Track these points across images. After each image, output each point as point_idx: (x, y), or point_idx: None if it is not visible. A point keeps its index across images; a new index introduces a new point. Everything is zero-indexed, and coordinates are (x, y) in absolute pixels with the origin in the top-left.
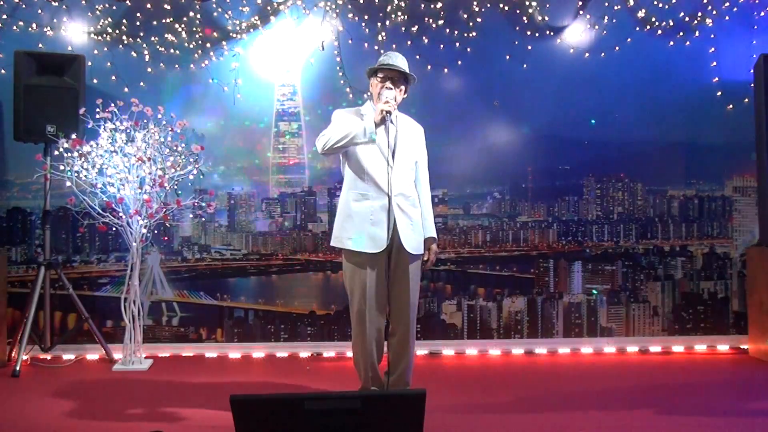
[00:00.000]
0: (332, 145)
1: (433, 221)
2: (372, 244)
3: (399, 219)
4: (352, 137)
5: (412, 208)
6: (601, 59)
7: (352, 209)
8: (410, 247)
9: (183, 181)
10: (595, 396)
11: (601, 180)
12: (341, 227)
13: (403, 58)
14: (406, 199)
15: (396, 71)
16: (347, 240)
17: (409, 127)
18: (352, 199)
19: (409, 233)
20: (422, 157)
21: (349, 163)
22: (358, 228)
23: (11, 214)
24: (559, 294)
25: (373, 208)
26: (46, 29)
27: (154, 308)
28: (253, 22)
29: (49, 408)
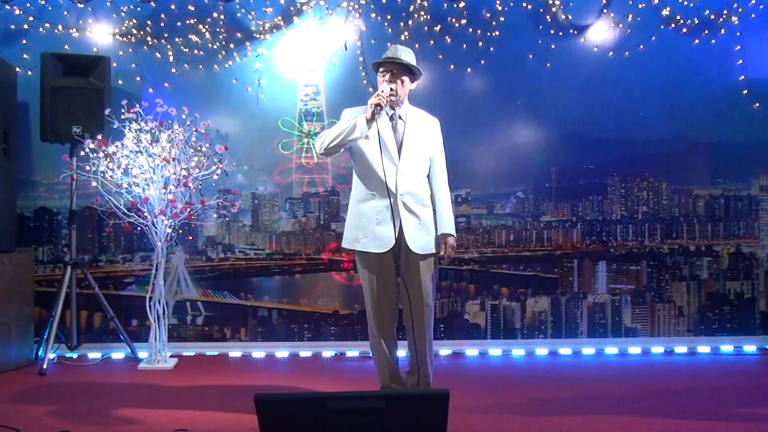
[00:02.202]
0: (328, 144)
1: (450, 216)
2: (378, 244)
3: (405, 219)
4: (345, 134)
5: (421, 207)
6: (626, 58)
7: (358, 210)
8: (416, 247)
9: (207, 181)
10: (619, 397)
11: (625, 179)
12: (349, 228)
13: (406, 50)
14: (414, 198)
15: (396, 64)
16: (354, 241)
17: (420, 121)
18: (359, 199)
19: (416, 233)
20: (437, 151)
21: (356, 163)
22: (364, 228)
23: (38, 214)
24: (584, 294)
25: (378, 208)
26: (71, 31)
27: (178, 307)
28: (276, 23)
29: (75, 406)
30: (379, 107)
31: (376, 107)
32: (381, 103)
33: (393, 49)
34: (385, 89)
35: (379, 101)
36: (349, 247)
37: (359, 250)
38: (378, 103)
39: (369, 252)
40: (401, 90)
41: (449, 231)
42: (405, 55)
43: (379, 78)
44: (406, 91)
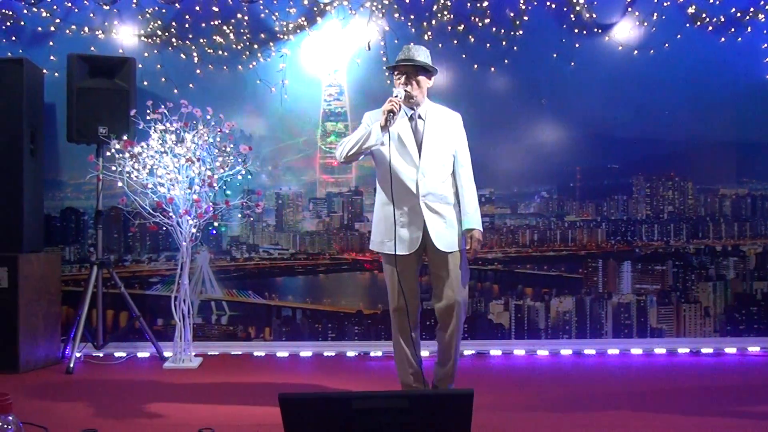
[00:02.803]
0: (347, 152)
1: (475, 210)
2: (402, 246)
3: (429, 219)
4: (362, 142)
5: (445, 205)
6: (651, 56)
7: (383, 213)
8: (443, 246)
9: (231, 181)
10: (645, 397)
11: (650, 179)
12: (375, 231)
13: (418, 49)
14: (437, 197)
15: (410, 65)
16: (380, 244)
17: (441, 119)
18: (383, 202)
19: (442, 231)
20: (461, 146)
21: (378, 167)
22: (389, 231)
23: (65, 214)
24: (608, 294)
25: (401, 210)
26: (97, 32)
27: (203, 307)
28: (299, 23)
29: (102, 404)
30: (392, 113)
31: (389, 114)
32: (394, 110)
33: (406, 50)
34: (399, 93)
35: (392, 107)
36: (376, 249)
37: (385, 253)
38: (391, 110)
39: (393, 254)
40: (417, 91)
41: (474, 225)
42: (418, 54)
43: (395, 81)
44: (423, 91)
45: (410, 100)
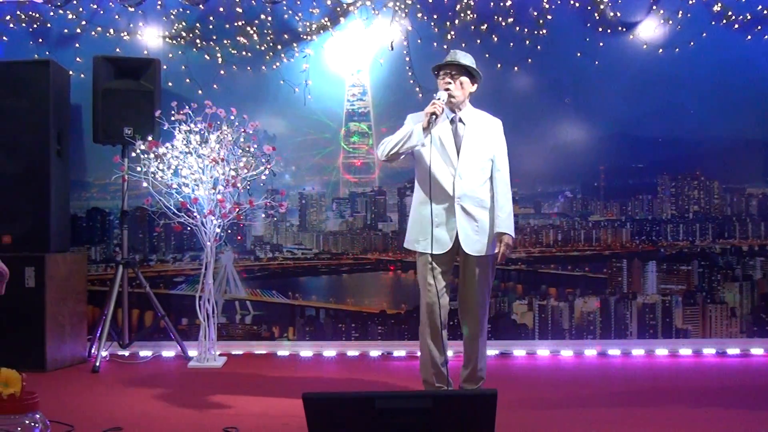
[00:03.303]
0: (389, 151)
1: (508, 215)
2: (436, 245)
3: (462, 222)
4: (404, 142)
5: (480, 209)
6: (676, 55)
7: (418, 212)
8: (472, 250)
9: (255, 181)
10: (671, 397)
11: (675, 178)
12: (410, 230)
13: (465, 55)
14: (473, 200)
15: (454, 66)
16: (415, 242)
17: (481, 124)
18: (420, 201)
19: (472, 236)
20: (499, 152)
21: (417, 167)
22: (424, 230)
23: (90, 214)
24: (633, 294)
25: (437, 210)
26: (122, 34)
27: (227, 306)
28: (323, 24)
29: (127, 403)
30: (434, 116)
31: (431, 116)
32: (437, 112)
33: (452, 54)
34: (442, 95)
35: (434, 110)
36: (411, 248)
37: (419, 251)
38: (434, 112)
39: (427, 253)
40: (460, 91)
41: (505, 230)
42: (464, 58)
43: (439, 82)
44: (465, 94)
45: (452, 100)
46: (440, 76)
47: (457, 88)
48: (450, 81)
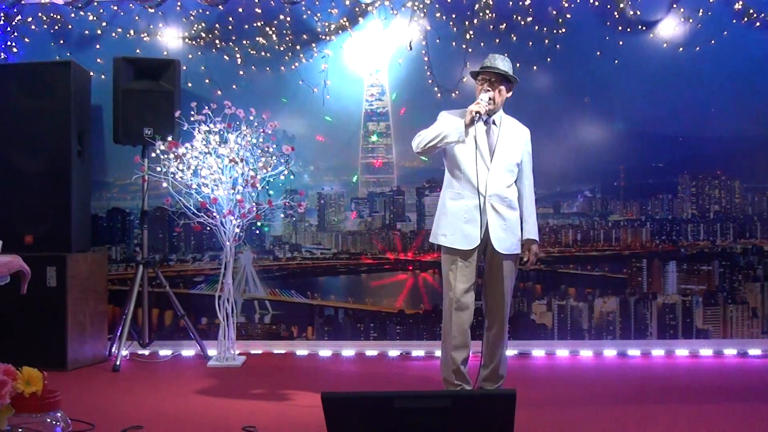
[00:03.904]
0: (426, 144)
1: (535, 223)
2: (464, 241)
3: (491, 219)
4: (443, 136)
5: (508, 209)
6: (696, 53)
7: (447, 207)
8: (501, 247)
9: (274, 181)
10: (691, 398)
11: (696, 177)
12: (437, 224)
13: (503, 59)
14: (502, 200)
15: (493, 73)
16: (441, 236)
17: (513, 129)
18: (449, 197)
19: (501, 233)
20: (526, 159)
21: (448, 163)
22: (452, 225)
23: (111, 214)
24: (653, 294)
25: (467, 207)
26: (142, 35)
27: (246, 306)
28: (341, 24)
29: (147, 401)
30: (478, 114)
31: (476, 114)
32: (481, 111)
33: (491, 58)
34: (484, 98)
35: (479, 109)
36: (436, 242)
37: (446, 246)
38: (478, 111)
39: (455, 248)
40: (498, 98)
41: (534, 237)
42: (503, 64)
43: (478, 86)
44: (502, 100)
45: (490, 106)
46: (479, 80)
47: (496, 95)
48: (489, 89)
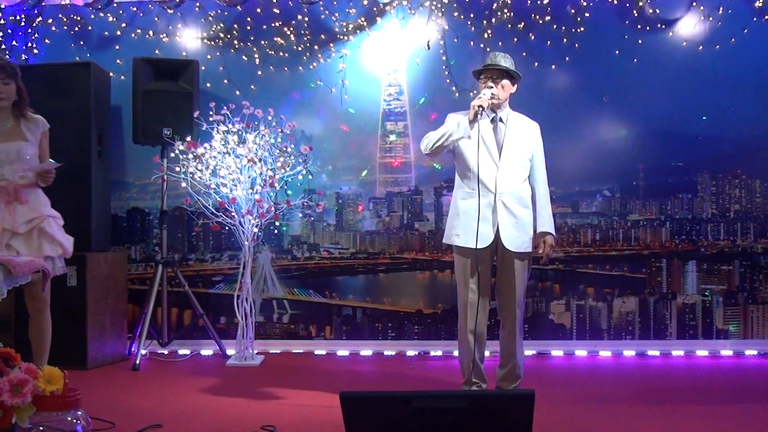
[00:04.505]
0: (433, 144)
1: (549, 216)
2: (477, 240)
3: (503, 217)
4: (449, 134)
5: (520, 206)
6: (716, 52)
7: (459, 207)
8: (511, 245)
9: (292, 181)
10: (711, 398)
11: (716, 177)
12: (451, 225)
13: (504, 56)
14: (514, 197)
15: (495, 69)
16: (455, 236)
17: (521, 125)
18: (460, 197)
19: (512, 232)
20: (537, 154)
21: (458, 163)
22: (464, 225)
23: (131, 214)
24: (673, 294)
25: (478, 205)
26: (162, 36)
27: (265, 305)
28: (359, 24)
29: (167, 400)
30: (481, 108)
31: (478, 108)
32: (483, 105)
33: (492, 56)
34: (486, 93)
35: (480, 103)
36: (450, 242)
37: (460, 246)
38: (480, 104)
39: (468, 247)
40: (502, 93)
41: (548, 229)
42: (504, 60)
43: (480, 84)
44: (506, 95)
45: (494, 102)
46: (481, 79)
47: (499, 91)
48: (492, 85)
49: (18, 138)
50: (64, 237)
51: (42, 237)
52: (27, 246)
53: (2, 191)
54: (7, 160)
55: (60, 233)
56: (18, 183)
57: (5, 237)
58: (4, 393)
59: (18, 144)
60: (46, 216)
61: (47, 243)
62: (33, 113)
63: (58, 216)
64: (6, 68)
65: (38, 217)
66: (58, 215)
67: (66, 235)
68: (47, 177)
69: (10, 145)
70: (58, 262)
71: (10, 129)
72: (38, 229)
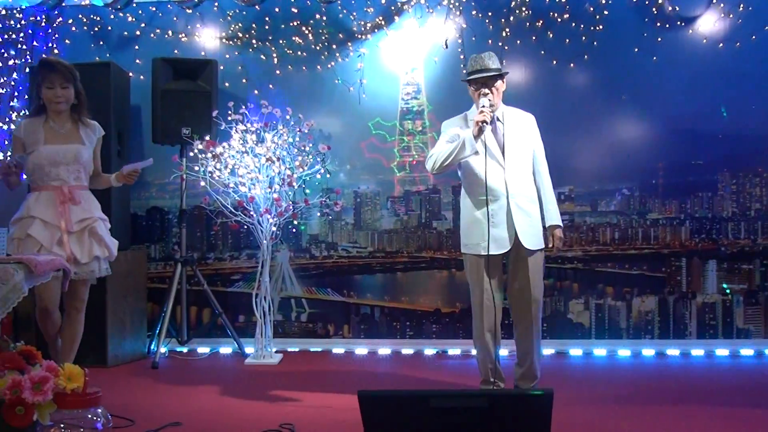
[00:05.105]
0: (440, 165)
1: (556, 208)
2: (496, 246)
3: (518, 219)
4: (456, 153)
5: (531, 204)
6: (737, 49)
7: (473, 215)
8: (529, 244)
9: (310, 180)
10: (731, 398)
11: (736, 175)
12: (467, 233)
13: (489, 56)
14: (524, 196)
15: (486, 75)
16: (476, 246)
17: (517, 120)
18: (472, 204)
19: (529, 230)
20: (537, 146)
21: (463, 172)
22: (483, 232)
23: (150, 213)
24: (692, 294)
25: (492, 211)
26: (180, 36)
27: (283, 304)
28: (377, 23)
29: (186, 398)
30: (485, 123)
31: (482, 124)
32: (487, 120)
33: (479, 60)
34: (486, 103)
35: (484, 118)
36: (471, 252)
37: (481, 254)
38: (484, 120)
39: (485, 255)
40: (497, 98)
41: (556, 222)
42: (491, 62)
43: (471, 90)
44: (500, 95)
45: (493, 109)
46: (473, 86)
47: (494, 96)
48: (487, 92)
49: (75, 141)
50: (110, 240)
51: (92, 237)
52: (78, 245)
53: (57, 191)
54: (63, 161)
55: (107, 236)
56: (72, 184)
57: (57, 235)
58: (26, 390)
59: (76, 146)
60: (97, 218)
61: (96, 244)
62: (90, 118)
63: (106, 219)
64: (65, 73)
65: (90, 218)
66: (106, 218)
67: (112, 238)
68: (132, 177)
69: (68, 147)
70: (103, 263)
71: (67, 132)
72: (90, 229)
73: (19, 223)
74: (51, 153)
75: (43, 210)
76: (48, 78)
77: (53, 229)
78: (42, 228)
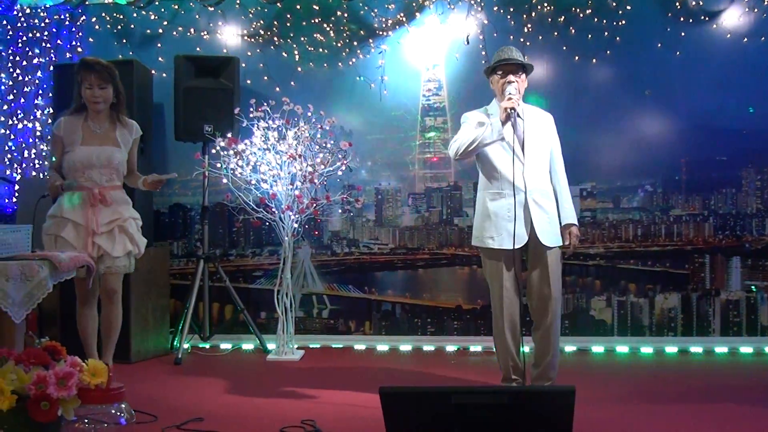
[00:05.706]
0: (464, 150)
1: (572, 206)
2: (511, 241)
3: (535, 214)
4: (481, 139)
5: (548, 201)
6: (761, 44)
7: (489, 209)
8: (547, 241)
9: (332, 177)
10: (754, 395)
11: (761, 171)
12: (481, 227)
13: (516, 49)
14: (542, 193)
15: (513, 64)
16: (488, 239)
17: (536, 117)
18: (489, 198)
19: (546, 227)
20: (555, 145)
21: (481, 164)
22: (497, 226)
23: (173, 210)
24: (716, 291)
25: (510, 205)
26: (203, 33)
27: (305, 301)
28: (398, 19)
29: (208, 394)
30: (513, 110)
31: (510, 110)
32: (515, 106)
33: (506, 50)
34: (512, 91)
35: (512, 104)
36: (484, 245)
37: (495, 248)
38: (512, 106)
39: (503, 249)
40: (522, 88)
41: (572, 221)
42: (518, 54)
43: (497, 79)
44: (522, 90)
45: (519, 97)
46: (498, 74)
47: (520, 86)
48: (514, 79)
49: (110, 143)
50: (140, 238)
51: (123, 234)
52: (110, 242)
53: (89, 193)
54: (97, 163)
55: (138, 234)
56: (104, 185)
57: (87, 236)
58: (51, 386)
59: (110, 149)
60: (127, 217)
61: (128, 241)
62: (128, 118)
63: (137, 217)
64: (102, 73)
65: (119, 218)
66: (137, 216)
67: (142, 236)
68: (156, 186)
69: (102, 149)
70: (132, 260)
71: (104, 133)
72: (119, 227)
73: (54, 221)
74: (85, 155)
75: (75, 212)
76: (87, 78)
77: (83, 230)
78: (72, 230)
